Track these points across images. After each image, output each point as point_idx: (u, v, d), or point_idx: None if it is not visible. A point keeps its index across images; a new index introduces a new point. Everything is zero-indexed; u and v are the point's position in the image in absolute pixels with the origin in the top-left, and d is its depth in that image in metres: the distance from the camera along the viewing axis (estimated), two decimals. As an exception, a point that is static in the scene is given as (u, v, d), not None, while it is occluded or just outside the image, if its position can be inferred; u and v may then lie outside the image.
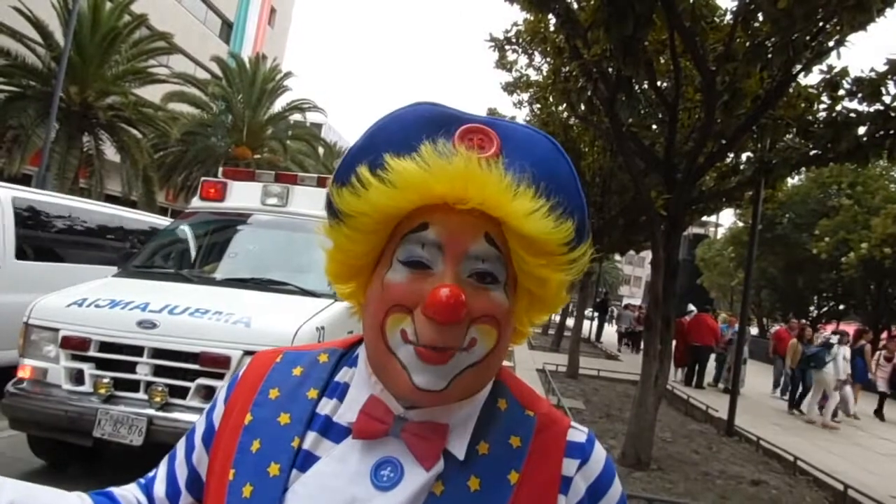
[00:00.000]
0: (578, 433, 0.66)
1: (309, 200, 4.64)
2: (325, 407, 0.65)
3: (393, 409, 0.61)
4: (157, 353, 3.36)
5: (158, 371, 3.37)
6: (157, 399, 3.29)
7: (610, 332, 24.15)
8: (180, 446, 0.72)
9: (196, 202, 4.97)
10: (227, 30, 29.98)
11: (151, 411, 3.27)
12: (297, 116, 25.82)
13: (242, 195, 4.78)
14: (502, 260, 0.59)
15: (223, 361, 3.30)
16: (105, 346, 3.40)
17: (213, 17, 29.05)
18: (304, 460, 0.61)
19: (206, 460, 0.68)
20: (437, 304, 0.54)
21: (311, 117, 29.66)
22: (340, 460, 0.60)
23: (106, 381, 3.34)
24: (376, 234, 0.60)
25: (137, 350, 3.37)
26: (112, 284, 4.08)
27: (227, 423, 0.67)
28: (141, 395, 3.34)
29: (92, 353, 3.40)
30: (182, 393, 3.35)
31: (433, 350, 0.56)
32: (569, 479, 0.62)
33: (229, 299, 3.69)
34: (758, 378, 13.30)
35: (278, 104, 24.78)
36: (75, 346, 3.40)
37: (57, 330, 3.44)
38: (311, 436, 0.62)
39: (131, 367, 3.38)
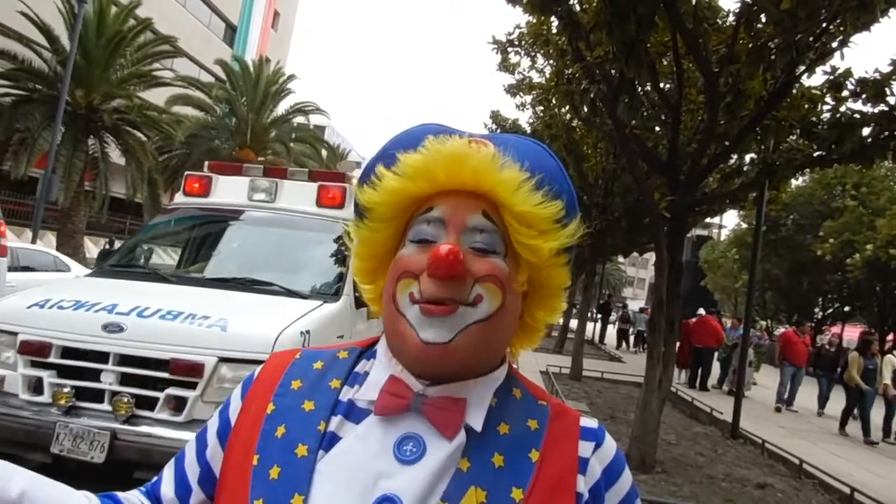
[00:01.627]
0: (590, 421, 0.70)
1: (299, 196, 4.38)
2: (348, 394, 0.67)
3: (412, 387, 0.64)
4: (124, 359, 3.03)
5: (125, 379, 3.04)
6: (123, 411, 2.96)
7: (613, 333, 24.07)
8: (190, 447, 0.73)
9: (179, 198, 4.69)
10: (231, 33, 30.12)
11: (115, 424, 2.94)
12: (300, 119, 25.86)
13: (228, 190, 4.51)
14: (499, 234, 0.65)
15: (196, 369, 2.97)
16: (67, 352, 3.08)
17: (217, 20, 29.20)
18: (331, 442, 0.63)
19: (220, 455, 0.68)
20: (437, 260, 0.59)
21: (315, 120, 29.70)
22: (363, 438, 0.62)
23: (67, 390, 3.00)
24: (394, 220, 0.67)
25: (102, 356, 3.04)
26: (81, 284, 3.83)
27: (247, 417, 0.68)
28: (105, 406, 3.01)
29: (53, 359, 3.07)
30: (150, 404, 3.02)
31: (435, 304, 0.61)
32: (585, 461, 0.65)
33: (207, 300, 3.40)
34: (767, 380, 13.21)
35: (282, 107, 24.86)
36: (35, 351, 3.07)
37: (15, 334, 3.11)
38: (336, 419, 0.65)
39: (95, 375, 3.05)
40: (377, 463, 0.60)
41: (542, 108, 10.91)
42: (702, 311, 13.32)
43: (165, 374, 3.01)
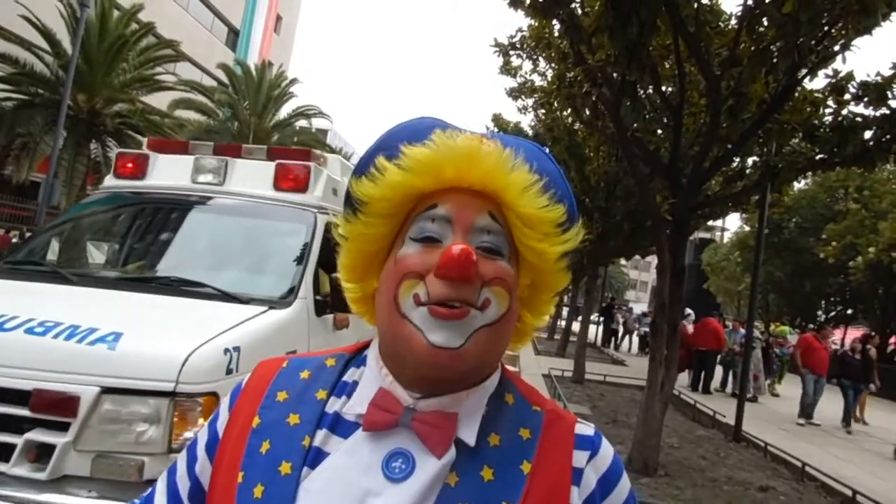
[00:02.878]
0: (586, 427, 0.68)
1: (253, 177, 3.62)
2: (335, 405, 0.65)
3: (402, 401, 0.62)
4: None
5: None
6: None
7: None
8: (181, 459, 0.71)
9: (109, 181, 3.86)
10: (234, 37, 30.22)
11: None
12: (302, 122, 25.94)
13: (168, 171, 3.73)
14: (504, 235, 0.64)
15: (68, 404, 2.12)
16: None
17: (220, 24, 29.30)
18: (315, 457, 0.61)
19: (209, 470, 0.67)
20: (450, 261, 0.57)
21: (317, 123, 29.76)
22: (350, 454, 0.61)
23: None
24: (391, 217, 0.64)
25: None
26: None
27: (233, 430, 0.66)
28: None
29: None
30: (4, 454, 2.11)
31: (446, 307, 0.58)
32: (580, 471, 0.63)
33: (105, 308, 2.63)
34: (787, 389, 13.07)
35: (284, 110, 24.95)
36: None
37: None
38: (321, 433, 0.63)
39: None
40: (364, 480, 0.59)
41: (543, 111, 10.92)
42: (689, 311, 13.12)
43: (25, 412, 2.13)
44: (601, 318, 22.06)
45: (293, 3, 35.75)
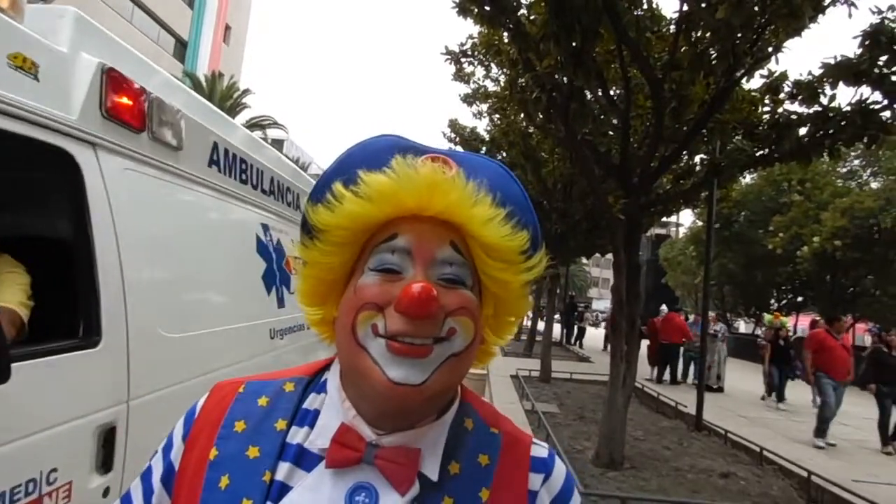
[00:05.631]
0: (540, 449, 0.70)
1: None
2: (296, 436, 0.64)
3: (365, 437, 0.61)
4: None
5: None
6: None
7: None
8: (135, 488, 0.69)
9: None
10: (181, 49, 29.52)
11: None
12: (257, 133, 25.56)
13: None
14: (467, 266, 0.62)
15: None
16: None
17: (166, 36, 28.59)
18: (279, 492, 0.60)
19: (167, 502, 0.66)
20: (410, 299, 0.55)
21: (273, 134, 29.39)
22: (313, 489, 0.60)
23: None
24: (350, 246, 0.62)
25: None
26: None
27: (190, 461, 0.64)
28: None
29: None
30: None
31: (405, 343, 0.57)
32: (534, 494, 0.66)
33: None
34: (739, 374, 13.47)
35: (238, 122, 24.50)
36: None
37: None
38: (284, 467, 0.62)
39: None
40: None
41: (498, 116, 11.06)
42: (664, 308, 13.68)
43: None
44: (564, 317, 22.38)
45: (242, 12, 35.21)
